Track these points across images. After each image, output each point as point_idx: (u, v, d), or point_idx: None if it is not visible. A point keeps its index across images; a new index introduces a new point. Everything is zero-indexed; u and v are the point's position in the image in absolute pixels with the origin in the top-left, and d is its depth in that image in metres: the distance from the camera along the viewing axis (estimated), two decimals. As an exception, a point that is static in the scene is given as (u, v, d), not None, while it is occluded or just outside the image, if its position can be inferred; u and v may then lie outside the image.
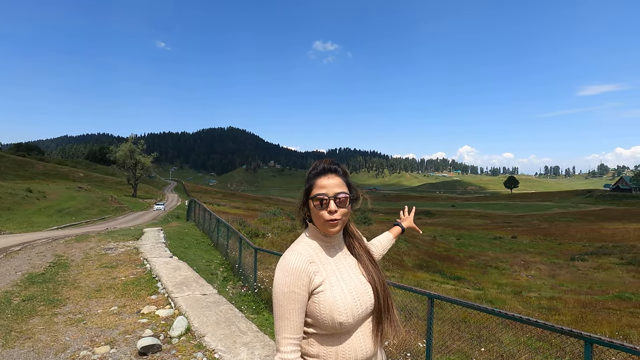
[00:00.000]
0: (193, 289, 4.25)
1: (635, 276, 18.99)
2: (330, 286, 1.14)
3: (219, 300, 3.90)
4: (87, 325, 3.60)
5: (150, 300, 4.25)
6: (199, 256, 10.59)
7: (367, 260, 1.27)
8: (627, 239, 32.82)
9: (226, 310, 3.55)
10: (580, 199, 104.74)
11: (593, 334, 2.61)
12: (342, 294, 1.14)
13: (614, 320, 8.71)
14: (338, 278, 1.17)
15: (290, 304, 1.10)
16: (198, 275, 4.99)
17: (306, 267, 1.12)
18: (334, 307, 1.11)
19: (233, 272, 8.95)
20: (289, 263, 1.12)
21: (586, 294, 13.61)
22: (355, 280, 1.20)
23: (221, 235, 11.88)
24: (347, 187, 1.19)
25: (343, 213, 1.16)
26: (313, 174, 1.20)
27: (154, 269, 5.47)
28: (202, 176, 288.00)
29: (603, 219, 56.37)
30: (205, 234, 14.55)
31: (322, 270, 1.16)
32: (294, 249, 1.17)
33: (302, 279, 1.11)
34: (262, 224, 20.43)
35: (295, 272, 1.11)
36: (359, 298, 1.17)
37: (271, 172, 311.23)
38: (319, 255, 1.19)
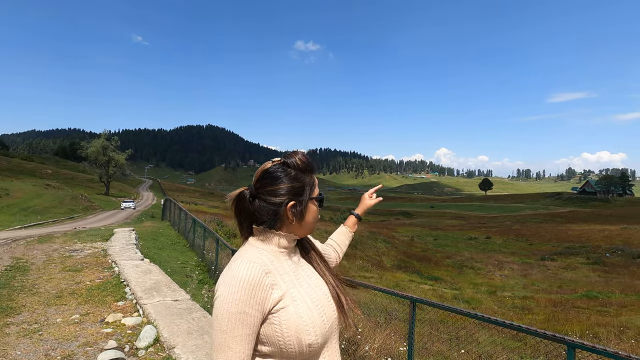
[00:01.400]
0: (164, 294, 3.99)
1: (601, 275, 19.88)
2: (293, 301, 0.90)
3: (191, 306, 3.66)
4: (42, 336, 3.28)
5: (117, 307, 3.95)
6: (173, 258, 10.19)
7: (322, 265, 1.08)
8: (593, 240, 34.42)
9: (199, 318, 3.33)
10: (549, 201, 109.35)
11: (576, 339, 2.58)
12: (307, 309, 0.90)
13: (583, 319, 9.00)
14: (299, 290, 0.94)
15: (239, 328, 0.82)
16: (170, 279, 4.72)
17: (262, 280, 0.86)
18: (300, 325, 0.87)
19: (209, 275, 8.66)
20: (238, 274, 0.85)
21: (556, 293, 14.08)
22: (317, 291, 0.98)
23: (197, 236, 11.52)
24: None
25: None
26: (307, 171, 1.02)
27: (123, 273, 5.14)
28: (180, 175, 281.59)
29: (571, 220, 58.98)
30: (181, 235, 14.09)
31: (281, 282, 0.91)
32: (243, 257, 0.90)
33: (257, 295, 0.84)
34: (240, 224, 20.00)
35: (248, 285, 0.84)
36: (324, 312, 0.95)
37: (251, 171, 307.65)
38: (275, 264, 0.94)
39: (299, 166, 1.00)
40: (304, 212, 0.98)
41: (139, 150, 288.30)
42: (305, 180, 1.00)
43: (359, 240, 24.48)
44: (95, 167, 51.01)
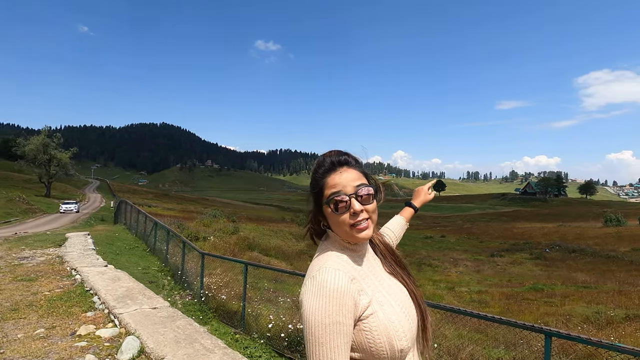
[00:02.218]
0: (140, 302, 3.77)
1: (543, 269, 21.72)
2: (380, 306, 0.87)
3: (173, 314, 3.49)
4: (5, 355, 2.96)
5: (87, 318, 3.65)
6: (133, 263, 9.63)
7: (393, 262, 1.00)
8: (534, 237, 37.54)
9: (185, 326, 3.19)
10: (496, 201, 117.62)
11: (553, 328, 2.83)
12: (395, 314, 0.87)
13: (534, 310, 9.80)
14: (384, 293, 0.91)
15: (336, 339, 0.80)
16: (144, 286, 4.46)
17: (349, 287, 0.83)
18: (392, 331, 0.84)
19: (175, 280, 8.29)
20: (325, 284, 0.82)
21: (507, 287, 15.16)
22: (398, 293, 0.94)
23: (159, 240, 10.97)
24: (366, 179, 0.95)
25: (371, 210, 0.91)
26: (320, 172, 0.94)
27: (87, 281, 4.76)
28: (131, 175, 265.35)
29: (515, 219, 63.89)
30: (139, 238, 13.33)
31: (366, 288, 0.89)
32: (326, 265, 0.87)
33: (347, 304, 0.82)
34: (202, 226, 19.37)
35: (338, 295, 0.81)
36: (410, 315, 0.91)
37: (208, 172, 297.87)
38: (357, 269, 0.91)
39: (316, 168, 0.97)
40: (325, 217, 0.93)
41: (85, 149, 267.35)
42: (321, 183, 0.93)
43: (323, 241, 24.62)
44: (34, 166, 46.47)
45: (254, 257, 15.55)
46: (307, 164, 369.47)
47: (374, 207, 0.92)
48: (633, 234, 34.50)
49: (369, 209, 0.90)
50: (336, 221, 0.90)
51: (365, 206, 0.89)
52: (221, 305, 6.56)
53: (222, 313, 6.39)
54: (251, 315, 5.96)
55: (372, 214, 0.91)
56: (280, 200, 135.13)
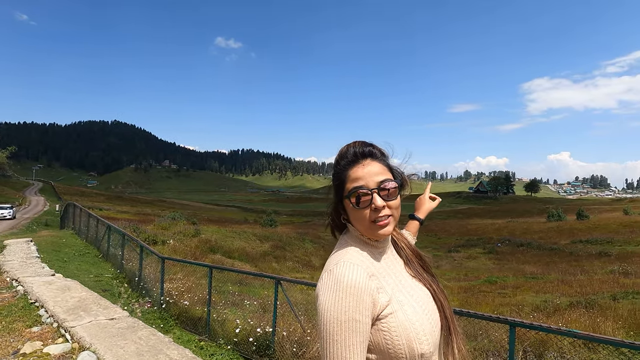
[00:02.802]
0: (95, 313, 3.47)
1: (496, 263, 23.15)
2: (401, 306, 0.83)
3: (134, 324, 3.25)
4: None
5: (32, 334, 3.29)
6: (84, 271, 8.95)
7: (418, 264, 0.96)
8: (487, 232, 39.95)
9: (147, 336, 2.97)
10: (452, 199, 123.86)
11: (517, 319, 2.97)
12: (416, 315, 0.83)
13: (490, 301, 10.37)
14: (405, 293, 0.86)
15: (352, 337, 0.76)
16: (98, 295, 4.12)
17: (367, 284, 0.79)
18: (412, 333, 0.79)
19: (132, 287, 7.80)
20: (343, 279, 0.78)
21: (464, 281, 15.95)
22: (422, 295, 0.89)
23: (113, 245, 10.29)
24: (390, 174, 0.90)
25: (394, 207, 0.86)
26: (343, 164, 0.90)
27: (31, 292, 4.30)
28: (79, 176, 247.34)
29: (469, 216, 67.60)
30: (90, 244, 12.42)
31: (386, 285, 0.84)
32: (344, 260, 0.83)
33: (365, 301, 0.78)
34: (160, 229, 18.44)
35: (355, 291, 0.77)
36: (433, 318, 0.86)
37: (166, 172, 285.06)
38: (376, 266, 0.87)
39: (338, 159, 0.93)
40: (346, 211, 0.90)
41: (25, 148, 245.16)
42: (342, 175, 0.90)
43: (288, 241, 24.50)
44: (-36, 166, 41.89)
45: (216, 259, 15.07)
46: (270, 164, 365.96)
47: (397, 203, 0.87)
48: (572, 228, 37.82)
49: (392, 205, 0.86)
50: (357, 216, 0.86)
51: (388, 202, 0.85)
52: (184, 311, 6.27)
53: (184, 320, 6.10)
54: (217, 320, 5.74)
55: (394, 210, 0.87)
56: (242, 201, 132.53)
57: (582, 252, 24.42)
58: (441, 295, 0.92)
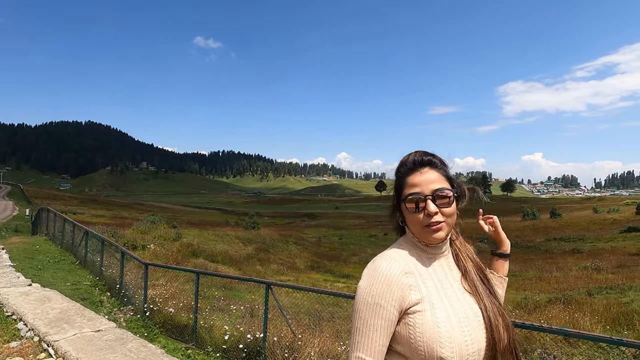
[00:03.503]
0: (79, 325, 3.32)
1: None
2: (432, 307, 0.87)
3: (123, 335, 3.12)
4: None
5: (11, 349, 3.10)
6: (60, 279, 8.58)
7: (479, 281, 0.96)
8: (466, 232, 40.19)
9: (138, 348, 2.86)
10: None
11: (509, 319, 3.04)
12: (446, 320, 0.86)
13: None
14: (442, 299, 0.90)
15: (373, 318, 0.87)
16: (81, 305, 3.95)
17: (399, 278, 0.88)
18: (435, 335, 0.83)
19: (112, 294, 7.53)
20: (378, 268, 0.90)
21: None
22: (466, 307, 0.90)
23: (91, 250, 9.92)
24: (448, 182, 0.95)
25: (447, 214, 0.91)
26: (402, 171, 0.98)
27: (8, 305, 4.07)
28: (50, 179, 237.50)
29: (448, 215, 69.04)
30: (66, 250, 11.91)
31: (422, 286, 0.90)
32: (387, 253, 0.95)
33: (393, 291, 0.87)
34: (139, 234, 17.90)
35: (385, 280, 0.88)
36: (470, 332, 0.86)
37: (143, 174, 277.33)
38: (418, 267, 0.93)
39: (399, 166, 1.00)
40: (403, 214, 0.97)
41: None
42: (402, 180, 0.98)
43: (272, 243, 24.32)
44: None
45: (199, 264, 14.77)
46: (251, 165, 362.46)
47: (451, 211, 0.92)
48: (546, 226, 39.31)
49: (445, 212, 0.91)
50: (411, 219, 0.93)
51: (441, 209, 0.91)
52: (169, 319, 6.10)
53: (170, 328, 5.94)
54: (204, 327, 5.62)
55: (448, 217, 0.92)
56: (224, 203, 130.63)
57: (556, 249, 25.40)
58: (494, 316, 0.90)
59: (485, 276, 1.00)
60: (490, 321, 0.89)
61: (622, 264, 16.00)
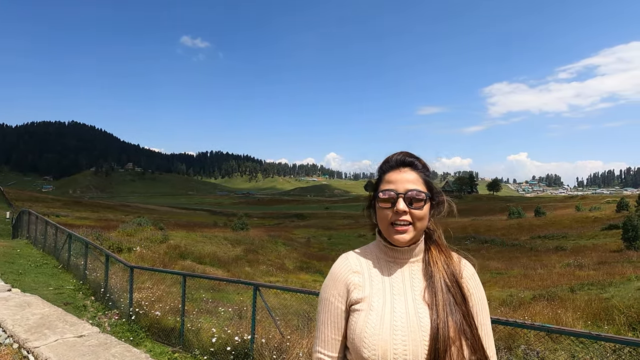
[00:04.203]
0: (61, 330, 3.24)
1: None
2: (369, 308, 0.88)
3: (106, 340, 3.06)
4: None
5: (-11, 357, 3.01)
6: (42, 283, 8.38)
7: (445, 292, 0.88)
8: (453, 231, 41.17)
9: (122, 353, 2.82)
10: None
11: (492, 316, 3.10)
12: (377, 322, 0.85)
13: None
14: (386, 303, 0.88)
15: (323, 312, 0.94)
16: (63, 310, 3.86)
17: (346, 275, 0.94)
18: (362, 335, 0.85)
19: (96, 298, 7.39)
20: (333, 266, 0.98)
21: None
22: (411, 317, 0.86)
23: (74, 254, 9.71)
24: (425, 186, 0.93)
25: (417, 217, 0.89)
26: (384, 168, 0.97)
27: (-15, 311, 3.95)
28: (32, 180, 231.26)
29: (436, 215, 69.85)
30: (48, 254, 11.63)
31: (367, 287, 0.91)
32: (345, 253, 1.00)
33: (338, 288, 0.94)
34: (125, 236, 17.57)
35: (333, 277, 0.95)
36: (403, 341, 0.83)
37: (129, 175, 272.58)
38: (371, 269, 0.94)
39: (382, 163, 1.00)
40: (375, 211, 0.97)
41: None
42: (380, 177, 0.98)
43: (261, 244, 24.19)
44: None
45: (187, 266, 14.60)
46: (240, 166, 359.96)
47: (421, 214, 0.90)
48: (531, 224, 40.12)
49: (415, 214, 0.89)
50: (380, 215, 0.93)
51: (412, 210, 0.89)
52: (155, 322, 6.02)
53: (156, 331, 5.86)
54: (191, 330, 5.56)
55: (417, 220, 0.90)
56: (212, 204, 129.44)
57: (540, 247, 25.95)
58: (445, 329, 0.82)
59: (459, 289, 0.91)
60: (437, 333, 0.82)
61: (603, 260, 16.45)
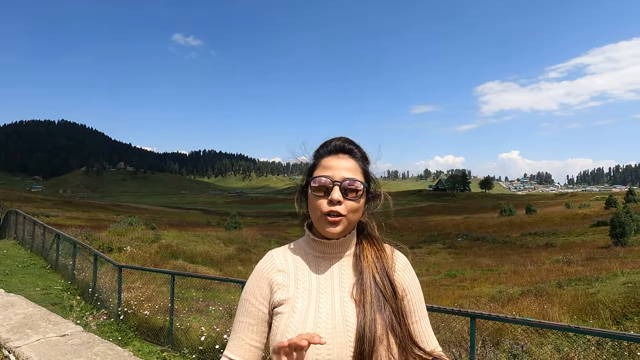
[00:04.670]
0: (44, 330, 3.20)
1: (455, 257, 24.30)
2: (292, 310, 0.79)
3: (89, 339, 3.03)
4: None
5: (-31, 357, 2.97)
6: (29, 284, 8.27)
7: (374, 289, 0.81)
8: (446, 228, 41.84)
9: (104, 352, 2.79)
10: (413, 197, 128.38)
11: (477, 311, 3.14)
12: (299, 326, 0.77)
13: (450, 294, 10.86)
14: (310, 302, 0.80)
15: (241, 314, 0.84)
16: (47, 310, 3.81)
17: (269, 275, 0.84)
18: (282, 339, 0.73)
19: (85, 299, 7.32)
20: (258, 264, 0.89)
21: (426, 275, 16.58)
22: (337, 316, 0.78)
23: (62, 254, 9.60)
24: (363, 176, 0.85)
25: (351, 209, 0.81)
26: (321, 152, 0.88)
27: (-33, 311, 3.88)
28: (21, 180, 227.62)
29: (429, 213, 70.40)
30: (36, 254, 11.48)
31: (292, 287, 0.83)
32: (272, 249, 0.91)
33: (261, 288, 0.84)
34: (116, 236, 17.40)
35: (256, 276, 0.86)
36: (327, 339, 0.75)
37: (121, 175, 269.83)
38: (298, 266, 0.86)
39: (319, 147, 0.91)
40: (307, 198, 0.87)
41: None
42: (316, 161, 0.88)
43: (254, 243, 24.14)
44: None
45: (178, 265, 14.51)
46: (233, 165, 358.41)
47: (355, 205, 0.82)
48: (522, 222, 40.61)
49: (349, 206, 0.81)
50: (312, 204, 0.83)
51: (346, 201, 0.81)
52: (144, 321, 5.99)
53: (145, 331, 5.83)
54: (180, 329, 5.55)
55: (350, 212, 0.81)
56: (205, 204, 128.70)
57: (531, 244, 26.28)
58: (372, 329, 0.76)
59: (390, 284, 0.83)
60: (363, 333, 0.75)
61: (591, 256, 16.73)
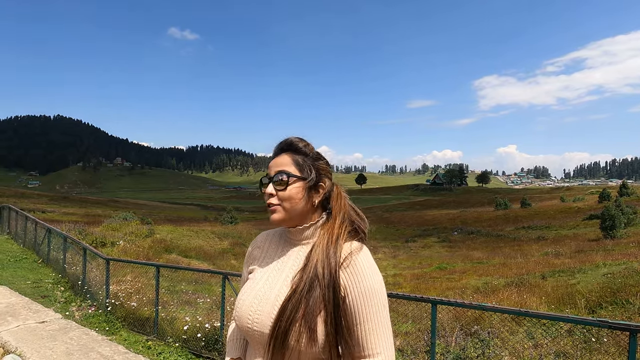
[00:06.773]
0: (24, 317, 3.33)
1: (448, 250, 24.52)
2: (252, 280, 0.98)
3: (66, 325, 3.17)
4: None
5: (-49, 343, 3.09)
6: (20, 277, 8.37)
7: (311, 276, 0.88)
8: (441, 222, 42.07)
9: (79, 336, 2.92)
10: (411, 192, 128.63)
11: (437, 297, 3.27)
12: (247, 293, 0.95)
13: (438, 286, 11.05)
14: (262, 276, 0.96)
15: (241, 282, 1.09)
16: (29, 299, 3.94)
17: (251, 250, 1.08)
18: (239, 297, 0.97)
19: (74, 291, 7.43)
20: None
21: (418, 268, 16.78)
22: (274, 291, 0.91)
23: (54, 248, 9.69)
24: (296, 167, 0.93)
25: (281, 198, 0.92)
26: (271, 155, 1.02)
27: (-48, 301, 4.00)
28: (17, 176, 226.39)
29: (426, 207, 70.61)
30: (29, 249, 11.57)
31: (260, 260, 1.02)
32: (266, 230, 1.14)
33: (247, 260, 1.07)
34: (110, 230, 17.47)
35: (248, 251, 1.09)
36: (257, 311, 0.89)
37: (118, 170, 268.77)
38: (272, 246, 1.03)
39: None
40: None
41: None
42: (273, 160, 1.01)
43: (249, 238, 24.25)
44: None
45: (172, 259, 14.62)
46: (231, 160, 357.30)
47: (284, 195, 0.92)
48: (516, 215, 40.86)
49: (280, 196, 0.92)
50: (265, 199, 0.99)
51: (279, 192, 0.92)
52: (131, 313, 6.11)
53: (132, 321, 5.95)
54: (165, 319, 5.67)
55: (283, 201, 0.92)
56: (202, 199, 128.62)
57: (523, 237, 26.53)
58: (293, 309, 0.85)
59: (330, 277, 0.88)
60: (284, 311, 0.85)
61: (581, 249, 16.94)
